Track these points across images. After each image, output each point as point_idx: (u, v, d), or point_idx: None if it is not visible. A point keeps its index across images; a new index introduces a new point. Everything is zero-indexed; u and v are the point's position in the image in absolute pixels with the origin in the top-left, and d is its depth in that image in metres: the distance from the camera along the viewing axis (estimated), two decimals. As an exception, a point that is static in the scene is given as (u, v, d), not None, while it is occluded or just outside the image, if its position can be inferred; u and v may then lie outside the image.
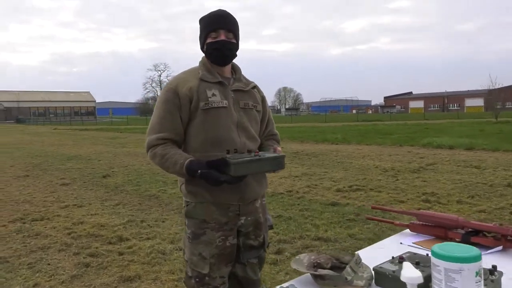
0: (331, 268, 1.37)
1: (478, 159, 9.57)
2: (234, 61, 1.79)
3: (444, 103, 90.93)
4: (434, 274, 0.97)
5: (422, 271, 1.23)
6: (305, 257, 1.41)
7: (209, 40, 1.70)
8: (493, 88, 34.87)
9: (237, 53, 1.75)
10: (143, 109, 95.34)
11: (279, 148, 1.72)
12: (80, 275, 3.30)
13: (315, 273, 1.27)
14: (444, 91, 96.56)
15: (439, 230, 1.70)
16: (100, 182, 7.81)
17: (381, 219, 1.98)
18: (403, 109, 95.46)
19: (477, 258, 0.91)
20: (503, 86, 39.73)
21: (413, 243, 1.68)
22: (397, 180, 7.20)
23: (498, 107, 30.76)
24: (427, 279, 1.20)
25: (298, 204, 5.52)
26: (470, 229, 1.62)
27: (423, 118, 40.59)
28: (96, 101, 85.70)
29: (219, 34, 1.68)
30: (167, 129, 1.66)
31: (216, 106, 1.65)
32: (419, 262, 1.28)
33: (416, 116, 48.61)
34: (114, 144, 17.22)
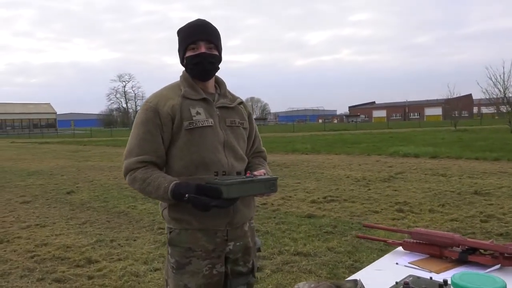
0: (333, 297, 1.28)
1: (443, 167, 9.89)
2: (218, 74, 1.69)
3: (405, 112, 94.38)
4: (458, 307, 0.90)
5: (430, 297, 1.18)
6: (304, 286, 1.31)
7: (188, 54, 1.58)
8: (451, 97, 36.49)
9: (220, 65, 1.64)
10: (107, 120, 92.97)
11: (262, 170, 1.61)
12: (45, 304, 3.04)
13: (320, 305, 1.17)
14: (405, 100, 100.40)
15: (434, 249, 1.65)
16: (64, 199, 7.41)
17: (374, 237, 1.92)
18: (367, 118, 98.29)
19: (505, 291, 0.84)
20: (460, 95, 41.75)
21: (409, 263, 1.62)
22: (369, 189, 7.28)
23: (454, 115, 32.16)
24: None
25: (274, 217, 5.44)
26: (466, 247, 1.59)
27: (386, 127, 41.87)
28: (57, 113, 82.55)
29: (199, 46, 1.56)
30: (147, 151, 1.52)
31: (201, 125, 1.54)
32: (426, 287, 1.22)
33: (379, 125, 50.08)
34: (77, 158, 16.53)
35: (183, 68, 1.65)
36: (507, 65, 69.77)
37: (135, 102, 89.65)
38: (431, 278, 1.32)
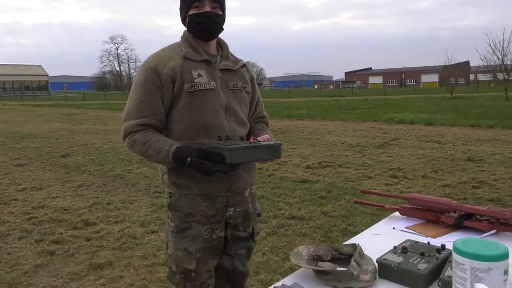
0: (331, 260, 1.30)
1: (438, 134, 9.93)
2: (221, 35, 1.62)
3: (401, 79, 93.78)
4: (458, 272, 0.91)
5: (428, 262, 1.20)
6: (303, 250, 1.32)
7: (192, 12, 1.51)
8: (449, 64, 36.13)
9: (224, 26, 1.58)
10: (100, 83, 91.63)
11: (266, 136, 1.58)
12: (44, 264, 3.09)
13: (319, 268, 1.19)
14: (402, 67, 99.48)
15: (430, 214, 1.67)
16: (59, 162, 7.40)
17: (371, 202, 1.94)
18: (363, 85, 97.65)
19: (506, 256, 0.85)
20: (458, 62, 41.40)
21: (405, 227, 1.64)
22: (364, 155, 7.33)
23: (451, 82, 32.00)
24: (436, 271, 1.16)
25: (269, 182, 5.48)
26: (462, 213, 1.60)
27: (382, 93, 41.68)
28: (49, 75, 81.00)
29: (203, 4, 1.49)
30: (147, 114, 1.48)
31: (202, 88, 1.49)
32: (424, 252, 1.23)
33: (376, 92, 49.83)
34: (71, 121, 16.39)
35: (182, 29, 1.59)
36: (507, 31, 68.93)
37: (128, 65, 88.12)
38: (428, 243, 1.33)
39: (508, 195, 4.55)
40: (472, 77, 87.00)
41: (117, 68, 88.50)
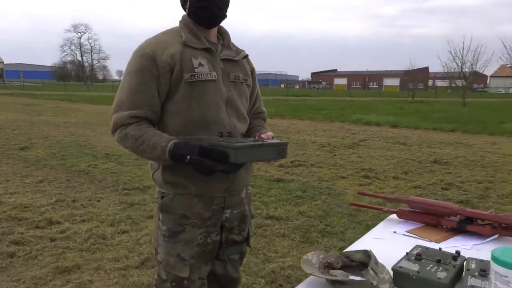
0: (342, 268, 1.21)
1: (404, 136, 10.21)
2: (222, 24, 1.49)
3: (365, 82, 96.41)
4: (499, 284, 0.84)
5: (445, 270, 1.13)
6: (313, 257, 1.23)
7: None
8: (410, 69, 37.46)
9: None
10: (60, 73, 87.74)
11: (269, 133, 1.48)
12: (4, 267, 2.82)
13: (335, 278, 1.09)
14: (365, 70, 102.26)
15: (430, 218, 1.62)
16: (17, 155, 6.92)
17: (368, 205, 1.88)
18: (328, 86, 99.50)
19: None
20: (418, 68, 43.05)
21: (406, 231, 1.59)
22: (335, 155, 7.37)
23: (412, 87, 33.18)
24: (454, 279, 1.10)
25: (243, 181, 5.37)
26: (464, 217, 1.57)
27: (348, 95, 42.63)
28: (4, 63, 76.55)
29: None
30: (141, 105, 1.33)
31: (203, 79, 1.36)
32: (440, 260, 1.17)
33: (341, 93, 50.91)
34: (30, 112, 15.49)
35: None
36: (467, 41, 72.49)
37: (91, 56, 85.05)
38: (440, 249, 1.27)
39: (475, 197, 4.69)
40: (430, 82, 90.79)
41: (79, 58, 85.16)
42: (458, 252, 1.22)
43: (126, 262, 2.90)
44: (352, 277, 1.14)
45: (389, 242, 1.48)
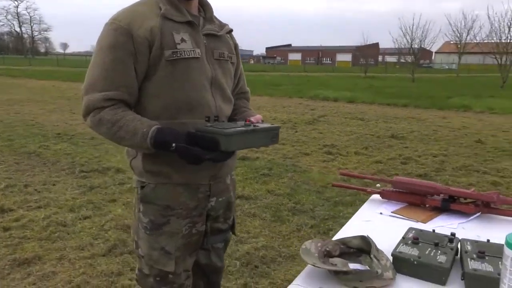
0: (340, 255, 1.18)
1: (360, 111, 10.47)
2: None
3: (319, 57, 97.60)
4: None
5: (444, 253, 1.13)
6: (311, 246, 1.18)
7: None
8: (363, 45, 38.32)
9: None
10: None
11: (258, 116, 1.39)
12: (-48, 262, 2.56)
13: (339, 269, 1.05)
14: (319, 45, 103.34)
15: (415, 197, 1.63)
16: (-45, 137, 6.31)
17: (351, 186, 1.86)
18: (283, 61, 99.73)
19: None
20: (369, 43, 44.14)
21: (392, 212, 1.59)
22: (296, 132, 7.42)
23: (364, 62, 34.07)
24: (453, 263, 1.10)
25: (207, 159, 5.26)
26: (447, 196, 1.59)
27: (302, 70, 42.98)
28: None
29: None
30: (117, 86, 1.18)
31: (186, 56, 1.23)
32: (438, 243, 1.17)
33: (295, 68, 51.22)
34: (-36, 88, 14.17)
35: None
36: (417, 17, 74.99)
37: (31, 26, 78.94)
38: (433, 230, 1.27)
39: (432, 170, 4.91)
40: (380, 58, 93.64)
41: (18, 29, 78.80)
42: (453, 234, 1.22)
43: (92, 250, 2.74)
44: (352, 265, 1.11)
45: (377, 224, 1.47)
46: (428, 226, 1.45)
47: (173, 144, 1.13)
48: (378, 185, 4.42)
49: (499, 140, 6.75)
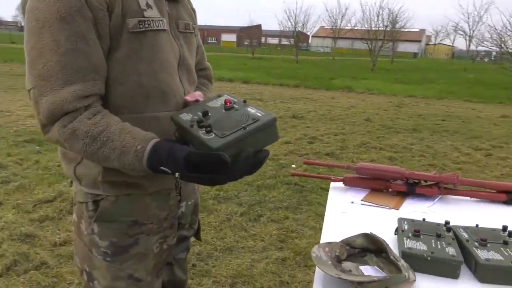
0: (348, 258, 1.07)
1: (257, 92, 10.63)
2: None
3: (204, 36, 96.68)
4: None
5: (448, 244, 1.10)
6: (320, 252, 1.04)
7: None
8: (248, 26, 39.02)
9: None
10: None
11: (198, 92, 1.08)
12: None
13: (366, 280, 0.93)
14: (204, 24, 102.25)
15: (379, 183, 1.61)
16: None
17: (314, 175, 1.75)
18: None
19: None
20: (253, 25, 45.27)
21: (361, 200, 1.54)
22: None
23: (249, 43, 34.90)
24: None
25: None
26: (411, 180, 1.60)
27: (189, 49, 42.02)
28: None
29: None
30: (84, 73, 0.85)
31: (155, 27, 0.94)
32: (440, 234, 1.13)
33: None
34: None
35: None
36: (300, 1, 78.82)
37: None
38: (424, 219, 1.25)
39: (337, 149, 5.19)
40: (263, 40, 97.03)
41: None
42: (447, 222, 1.21)
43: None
44: (362, 268, 1.01)
45: (355, 215, 1.40)
46: (401, 213, 1.43)
47: (177, 174, 0.84)
48: (293, 165, 4.51)
49: (383, 118, 7.51)
